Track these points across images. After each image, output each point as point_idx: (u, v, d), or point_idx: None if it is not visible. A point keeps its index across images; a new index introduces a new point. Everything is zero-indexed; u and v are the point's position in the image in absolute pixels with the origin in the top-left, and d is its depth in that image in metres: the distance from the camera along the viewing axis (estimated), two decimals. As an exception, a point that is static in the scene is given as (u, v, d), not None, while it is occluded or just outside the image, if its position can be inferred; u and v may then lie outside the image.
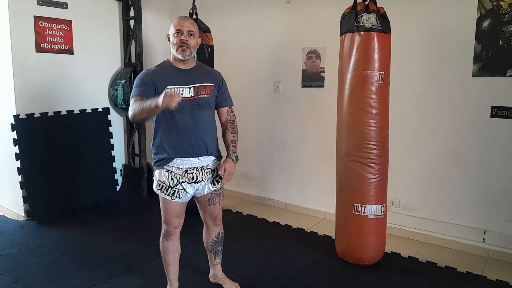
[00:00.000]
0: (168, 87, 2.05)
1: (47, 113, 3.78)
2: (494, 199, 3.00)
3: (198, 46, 2.21)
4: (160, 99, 1.83)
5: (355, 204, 2.77)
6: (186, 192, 2.20)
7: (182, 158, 2.16)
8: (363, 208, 2.76)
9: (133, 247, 3.13)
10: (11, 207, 3.85)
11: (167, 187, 2.18)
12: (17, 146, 3.54)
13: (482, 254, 3.04)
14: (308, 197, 3.97)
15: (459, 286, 2.62)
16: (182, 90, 2.11)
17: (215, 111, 2.32)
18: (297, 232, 3.50)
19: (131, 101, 2.08)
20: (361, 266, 2.83)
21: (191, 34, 2.13)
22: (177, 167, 2.17)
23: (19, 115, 3.58)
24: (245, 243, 3.24)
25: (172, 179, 2.18)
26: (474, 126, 3.03)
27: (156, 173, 2.23)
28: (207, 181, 2.25)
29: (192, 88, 2.14)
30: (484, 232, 3.06)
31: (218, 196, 2.34)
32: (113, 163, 4.29)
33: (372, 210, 2.76)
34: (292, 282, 2.65)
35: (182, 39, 2.10)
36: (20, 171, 3.58)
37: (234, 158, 2.25)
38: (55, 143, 3.78)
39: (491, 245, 3.03)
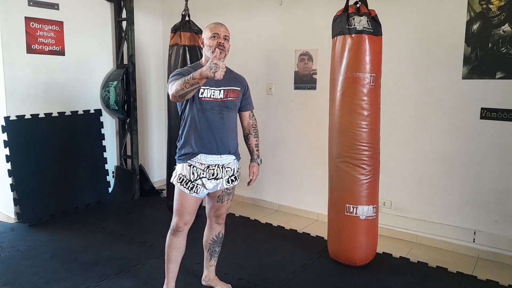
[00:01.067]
0: (201, 87, 2.15)
1: (38, 114, 3.75)
2: (484, 199, 3.03)
3: (229, 50, 2.30)
4: (206, 67, 1.92)
5: (347, 205, 2.78)
6: (205, 187, 2.26)
7: (205, 155, 2.23)
8: (354, 209, 2.77)
9: (124, 249, 3.12)
10: (1, 209, 3.82)
11: (187, 180, 2.23)
12: (7, 148, 3.51)
13: (473, 254, 3.07)
14: (301, 198, 3.98)
15: (449, 286, 2.65)
16: (213, 92, 2.21)
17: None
18: (290, 233, 3.51)
19: (170, 84, 2.14)
20: (353, 266, 2.85)
21: (226, 39, 2.24)
22: (200, 163, 2.23)
23: (9, 116, 3.55)
24: (238, 244, 3.24)
25: (193, 173, 2.23)
26: (464, 127, 3.06)
27: (178, 166, 2.28)
28: (224, 178, 2.31)
29: (222, 91, 2.24)
30: (474, 232, 3.09)
31: (228, 195, 2.41)
32: (105, 164, 4.27)
33: (363, 211, 2.77)
34: (284, 283, 2.66)
35: (220, 42, 2.20)
36: (10, 173, 3.55)
37: (259, 162, 2.49)
38: (46, 145, 3.75)
39: (481, 245, 3.06)
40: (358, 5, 2.70)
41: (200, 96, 2.19)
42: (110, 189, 4.38)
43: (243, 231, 3.55)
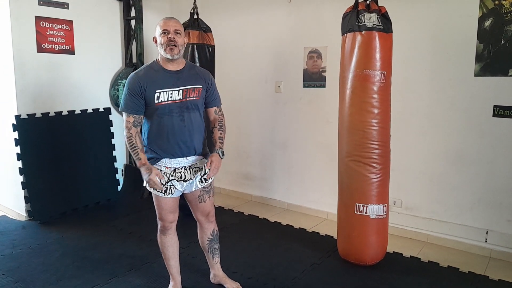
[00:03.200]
0: (157, 91, 2.12)
1: (49, 113, 3.78)
2: (497, 199, 2.99)
3: (185, 45, 2.23)
4: (144, 175, 2.11)
5: (357, 204, 2.76)
6: (176, 188, 2.25)
7: (170, 158, 2.21)
8: (365, 208, 2.75)
9: (134, 248, 3.13)
10: (12, 207, 3.86)
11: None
12: (18, 146, 3.54)
13: (485, 254, 3.03)
14: (310, 197, 3.96)
15: (461, 286, 2.61)
16: (171, 94, 2.15)
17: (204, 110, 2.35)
18: (299, 232, 3.50)
19: (124, 115, 2.17)
20: (363, 266, 2.82)
21: (177, 33, 2.14)
22: (166, 166, 2.22)
23: (20, 115, 3.58)
24: (247, 243, 3.24)
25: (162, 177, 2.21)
26: (476, 125, 3.02)
27: None
28: (195, 178, 2.28)
29: (181, 91, 2.17)
30: (487, 232, 3.05)
31: (208, 193, 2.37)
32: (115, 163, 4.29)
33: (374, 210, 2.75)
34: (293, 282, 2.65)
35: (170, 37, 2.11)
36: (21, 171, 3.58)
37: (220, 153, 2.26)
38: (56, 143, 3.78)
39: (493, 245, 3.02)
40: (368, 2, 2.67)
41: (156, 101, 2.12)
42: (119, 188, 4.40)
43: (252, 230, 3.54)
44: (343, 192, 2.89)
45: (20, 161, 3.56)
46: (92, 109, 4.13)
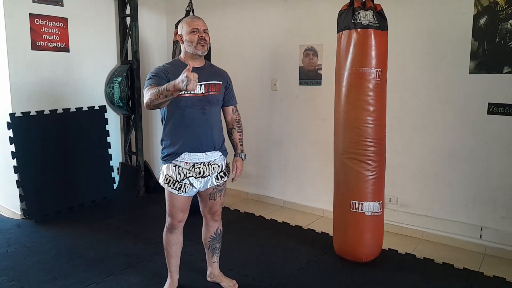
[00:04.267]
0: None
1: (43, 111, 3.76)
2: (491, 195, 3.01)
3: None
4: (179, 80, 1.84)
5: (353, 201, 2.77)
6: (193, 186, 2.25)
7: (189, 153, 2.21)
8: (360, 205, 2.76)
9: (129, 246, 3.12)
10: (7, 205, 3.84)
11: (174, 181, 2.23)
12: (13, 144, 3.52)
13: (479, 251, 3.06)
14: (306, 195, 3.97)
15: (456, 282, 2.63)
16: None
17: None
18: (295, 230, 3.50)
19: (145, 90, 2.07)
20: (359, 263, 2.83)
21: (206, 32, 2.20)
22: (185, 162, 2.22)
23: (15, 113, 3.56)
24: (243, 241, 3.24)
25: (179, 173, 2.22)
26: (471, 123, 3.03)
27: (164, 167, 2.27)
28: (212, 176, 2.29)
29: (203, 85, 2.19)
30: (481, 228, 3.07)
31: (220, 191, 2.39)
32: (110, 161, 4.28)
33: (369, 207, 2.76)
34: (289, 279, 2.65)
35: (201, 36, 2.16)
36: (16, 169, 3.56)
37: (243, 157, 2.41)
38: (51, 141, 3.76)
39: (488, 242, 3.04)
40: (364, 0, 2.67)
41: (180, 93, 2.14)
42: (115, 186, 4.39)
43: (248, 228, 3.54)
44: (338, 190, 2.90)
45: (15, 159, 3.54)
46: (87, 107, 4.11)
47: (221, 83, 2.28)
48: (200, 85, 2.17)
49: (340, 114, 2.81)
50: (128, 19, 4.31)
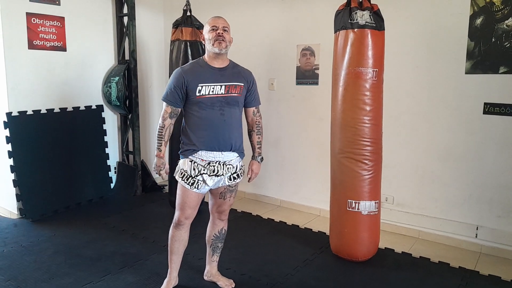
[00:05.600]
0: (199, 84, 2.18)
1: (40, 110, 3.75)
2: (487, 195, 3.03)
3: (231, 42, 2.29)
4: (156, 167, 2.28)
5: (349, 201, 2.78)
6: (206, 184, 2.26)
7: (206, 151, 2.23)
8: (357, 204, 2.77)
9: (126, 245, 3.12)
10: (4, 205, 3.83)
11: (188, 176, 2.25)
12: (10, 143, 3.51)
13: (475, 250, 3.07)
14: (303, 194, 3.98)
15: (452, 281, 2.65)
16: (213, 88, 2.21)
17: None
18: (292, 229, 3.51)
19: (164, 106, 2.27)
20: (355, 262, 2.85)
21: (225, 30, 2.22)
22: (201, 159, 2.24)
23: (11, 112, 3.55)
24: (240, 240, 3.25)
25: (194, 169, 2.24)
26: (467, 122, 3.05)
27: (180, 161, 2.30)
28: (226, 176, 2.31)
29: (223, 86, 2.22)
30: (477, 227, 3.08)
31: (231, 192, 2.40)
32: (107, 160, 4.27)
33: (366, 206, 2.77)
34: (286, 278, 2.66)
35: (218, 33, 2.19)
36: (13, 169, 3.55)
37: (259, 160, 2.47)
38: (48, 141, 3.76)
39: (483, 241, 3.06)
40: (360, 0, 2.68)
41: (197, 94, 2.19)
42: (112, 185, 4.39)
43: (245, 227, 3.55)
44: (335, 189, 2.91)
45: (12, 158, 3.53)
46: (85, 106, 4.10)
47: (242, 84, 2.29)
48: (221, 86, 2.22)
49: (337, 113, 2.82)
50: (126, 18, 4.30)
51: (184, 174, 2.26)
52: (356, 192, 2.77)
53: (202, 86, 2.19)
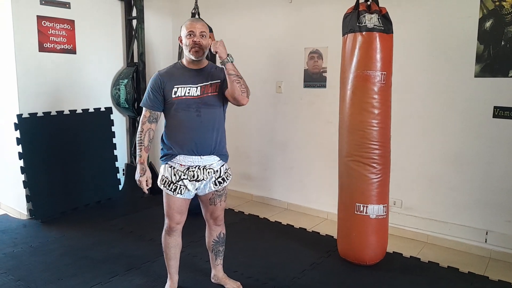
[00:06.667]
0: (175, 86, 2.17)
1: (50, 112, 3.79)
2: (497, 199, 3.00)
3: (208, 47, 2.24)
4: (137, 174, 2.25)
5: (357, 204, 2.77)
6: (188, 189, 2.24)
7: (185, 156, 2.21)
8: (365, 208, 2.75)
9: (134, 247, 3.14)
10: (14, 206, 3.87)
11: (169, 182, 2.24)
12: (20, 145, 3.55)
13: (484, 255, 3.04)
14: (310, 197, 3.97)
15: (461, 286, 2.62)
16: (189, 89, 2.18)
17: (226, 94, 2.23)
18: (299, 232, 3.50)
19: (143, 111, 2.26)
20: (363, 266, 2.83)
21: (203, 35, 2.18)
22: (180, 164, 2.22)
23: (22, 114, 3.59)
24: (247, 242, 3.25)
25: (174, 175, 2.23)
26: (476, 126, 3.02)
27: (161, 168, 2.29)
28: (209, 181, 2.27)
29: (199, 88, 2.20)
30: (486, 232, 3.05)
31: (220, 197, 2.36)
32: (116, 162, 4.30)
33: (374, 210, 2.75)
34: (293, 282, 2.66)
35: (195, 41, 2.15)
36: (23, 170, 3.59)
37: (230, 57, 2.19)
38: (58, 142, 3.79)
39: (493, 246, 3.02)
40: (369, 3, 2.68)
41: (173, 96, 2.17)
42: (120, 187, 4.41)
43: (252, 230, 3.55)
44: (343, 192, 2.90)
45: (22, 160, 3.57)
46: (94, 109, 4.14)
47: (218, 81, 2.24)
48: (196, 87, 2.19)
49: (345, 116, 2.81)
50: (134, 22, 4.34)
51: (166, 181, 2.25)
52: (364, 195, 2.76)
53: (178, 88, 2.17)
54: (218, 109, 2.25)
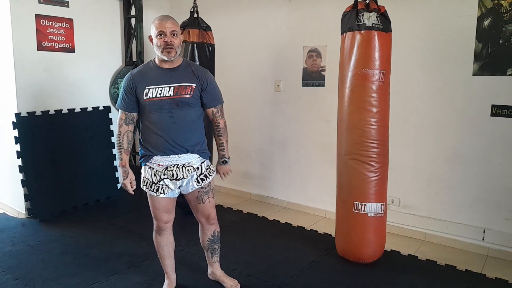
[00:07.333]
0: (146, 87, 2.14)
1: (49, 111, 3.79)
2: (494, 197, 3.01)
3: (182, 43, 2.21)
4: (120, 177, 2.25)
5: (355, 202, 2.78)
6: (170, 188, 2.24)
7: (162, 156, 2.19)
8: (363, 206, 2.76)
9: (133, 245, 3.14)
10: (12, 205, 3.87)
11: (150, 183, 2.23)
12: (18, 144, 3.55)
13: (482, 253, 3.05)
14: (309, 196, 3.98)
15: (458, 284, 2.63)
16: (161, 90, 2.14)
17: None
18: (297, 230, 3.51)
19: (119, 112, 2.26)
20: (361, 264, 2.84)
21: (174, 34, 2.10)
22: (158, 164, 2.21)
23: (20, 113, 3.59)
24: (246, 241, 3.25)
25: (154, 175, 2.22)
26: (474, 125, 3.03)
27: (142, 169, 2.29)
28: (190, 178, 2.25)
29: (172, 88, 2.15)
30: (484, 230, 3.06)
31: (207, 193, 2.32)
32: (114, 161, 4.30)
33: (372, 208, 2.76)
34: (292, 280, 2.66)
35: (166, 41, 2.08)
36: (21, 169, 3.59)
37: (222, 163, 2.35)
38: (56, 141, 3.79)
39: (490, 244, 3.04)
40: (367, 1, 2.68)
41: (145, 97, 2.13)
42: (119, 186, 4.41)
43: (251, 228, 3.56)
44: (341, 191, 2.91)
45: (20, 159, 3.57)
46: (92, 107, 4.14)
47: (194, 85, 2.17)
48: (169, 87, 2.14)
49: (344, 115, 2.82)
50: (133, 20, 4.33)
51: (147, 182, 2.24)
52: (363, 194, 2.77)
53: (149, 89, 2.13)
54: (193, 109, 2.20)
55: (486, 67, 2.94)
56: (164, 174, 2.21)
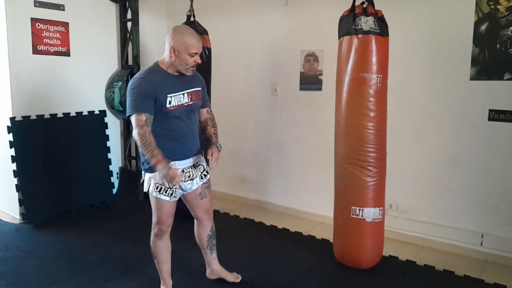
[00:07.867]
0: (168, 95, 2.12)
1: (44, 115, 3.75)
2: (492, 202, 3.00)
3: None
4: (161, 172, 2.04)
5: (353, 208, 2.76)
6: (181, 189, 2.30)
7: (179, 160, 2.24)
8: (361, 211, 2.74)
9: (128, 250, 3.11)
10: (6, 210, 3.82)
11: (166, 188, 2.22)
12: (13, 148, 3.52)
13: (480, 258, 3.04)
14: (306, 201, 3.96)
15: (457, 289, 2.62)
16: (180, 98, 2.18)
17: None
18: (295, 236, 3.49)
19: (134, 116, 2.06)
20: (359, 269, 2.82)
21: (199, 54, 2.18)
22: (175, 168, 2.20)
23: (15, 117, 3.55)
24: (242, 246, 3.22)
25: None
26: (472, 129, 3.03)
27: (150, 176, 2.22)
28: (197, 176, 2.34)
29: (186, 94, 2.21)
30: (482, 235, 3.05)
31: (208, 188, 2.43)
32: (110, 165, 4.27)
33: (370, 213, 2.74)
34: (289, 285, 2.64)
35: (197, 61, 2.15)
36: (16, 173, 3.55)
37: (218, 146, 2.35)
38: (51, 146, 3.76)
39: (489, 249, 3.02)
40: (364, 6, 2.68)
41: (168, 106, 2.13)
42: (114, 190, 4.38)
43: (248, 233, 3.53)
44: (339, 195, 2.89)
45: (15, 163, 3.53)
46: (88, 112, 4.11)
47: (200, 89, 2.30)
48: (184, 94, 2.19)
49: (341, 119, 2.80)
50: (129, 24, 4.32)
51: (161, 187, 2.21)
52: (360, 198, 2.75)
53: (171, 97, 2.13)
54: (198, 113, 2.35)
55: (483, 72, 2.94)
56: (182, 177, 2.25)
